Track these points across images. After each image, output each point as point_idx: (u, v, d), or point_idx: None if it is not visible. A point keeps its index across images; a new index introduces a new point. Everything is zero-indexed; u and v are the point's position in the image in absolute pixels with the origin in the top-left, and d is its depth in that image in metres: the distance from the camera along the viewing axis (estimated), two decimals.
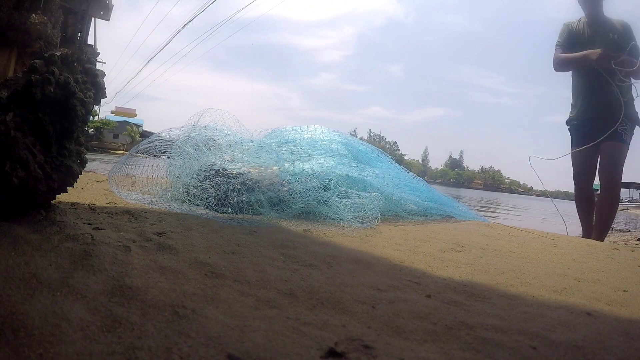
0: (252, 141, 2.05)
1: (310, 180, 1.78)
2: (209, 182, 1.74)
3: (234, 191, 1.68)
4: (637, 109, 3.38)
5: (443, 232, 1.73)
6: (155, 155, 1.93)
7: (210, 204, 1.68)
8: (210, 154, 1.88)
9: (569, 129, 3.47)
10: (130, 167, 1.87)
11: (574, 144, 3.38)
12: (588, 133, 3.31)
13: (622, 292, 1.00)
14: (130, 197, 1.63)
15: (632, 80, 3.19)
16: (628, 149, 3.27)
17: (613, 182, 3.16)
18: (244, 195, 1.67)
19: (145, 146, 1.93)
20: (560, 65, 3.35)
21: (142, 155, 1.94)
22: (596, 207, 3.17)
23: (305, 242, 1.23)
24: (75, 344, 0.47)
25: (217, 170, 1.79)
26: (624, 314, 0.83)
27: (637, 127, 3.31)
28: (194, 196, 1.73)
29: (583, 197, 3.26)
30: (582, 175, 3.36)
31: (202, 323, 0.57)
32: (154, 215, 1.36)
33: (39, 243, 0.82)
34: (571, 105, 3.50)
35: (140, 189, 1.83)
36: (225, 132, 2.07)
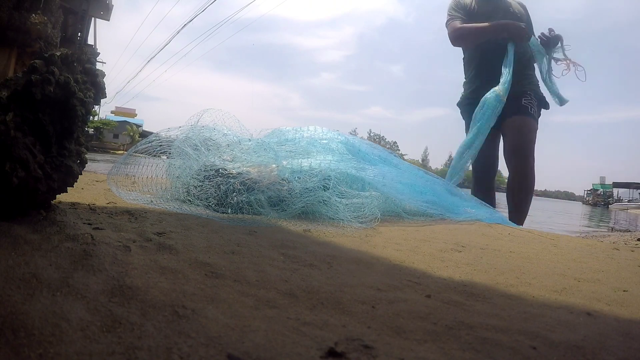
0: (250, 140, 2.05)
1: (310, 179, 1.77)
2: (209, 182, 1.74)
3: (233, 191, 1.68)
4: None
5: (443, 232, 1.73)
6: (154, 155, 1.93)
7: (210, 204, 1.68)
8: (209, 154, 1.88)
9: (460, 112, 2.95)
10: (129, 166, 1.87)
11: (468, 128, 2.82)
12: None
13: (622, 292, 1.00)
14: (130, 197, 1.63)
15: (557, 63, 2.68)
16: (537, 127, 2.70)
17: (524, 161, 2.59)
18: (243, 195, 1.67)
19: (144, 146, 1.93)
20: (463, 37, 2.81)
21: (141, 155, 1.94)
22: (507, 195, 2.70)
23: (305, 242, 1.23)
24: (75, 344, 0.47)
25: (217, 170, 1.79)
26: (624, 314, 0.83)
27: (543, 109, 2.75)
28: (194, 196, 1.73)
29: (479, 197, 2.67)
30: (480, 166, 2.80)
31: (202, 323, 0.57)
32: (154, 215, 1.36)
33: (39, 243, 0.82)
34: (463, 83, 2.98)
35: (140, 189, 1.83)
36: (224, 131, 2.07)
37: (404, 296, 0.80)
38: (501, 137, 2.85)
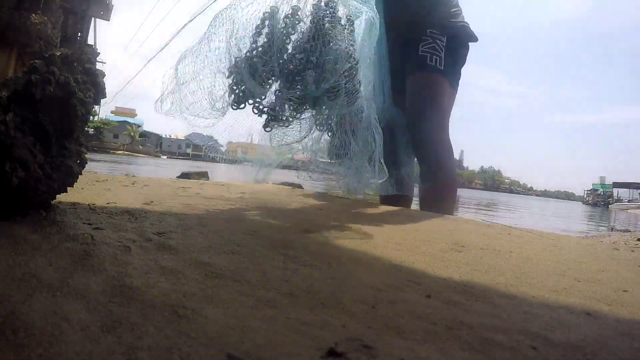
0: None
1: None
2: None
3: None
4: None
5: (443, 232, 1.73)
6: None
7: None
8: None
9: None
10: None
11: None
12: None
13: (622, 292, 1.00)
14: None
15: None
16: (444, 82, 1.88)
17: (431, 146, 1.88)
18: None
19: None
20: None
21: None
22: (422, 194, 2.03)
23: (305, 242, 1.23)
24: (76, 344, 0.47)
25: None
26: (624, 314, 0.83)
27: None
28: None
29: None
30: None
31: (202, 323, 0.57)
32: (154, 215, 1.36)
33: (39, 243, 0.82)
34: None
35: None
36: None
37: (404, 296, 0.80)
38: None
